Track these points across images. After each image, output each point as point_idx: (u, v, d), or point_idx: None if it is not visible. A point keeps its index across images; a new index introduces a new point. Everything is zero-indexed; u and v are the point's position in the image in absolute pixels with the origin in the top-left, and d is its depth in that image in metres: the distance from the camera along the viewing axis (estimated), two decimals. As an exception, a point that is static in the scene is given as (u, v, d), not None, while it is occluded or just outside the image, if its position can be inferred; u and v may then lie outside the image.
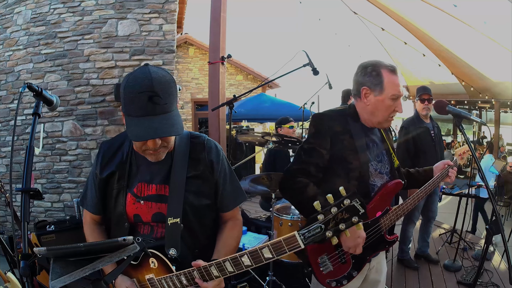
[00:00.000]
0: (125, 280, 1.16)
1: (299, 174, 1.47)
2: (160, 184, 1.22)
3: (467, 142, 1.67)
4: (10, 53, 4.02)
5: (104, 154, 1.26)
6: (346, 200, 0.92)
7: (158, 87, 1.03)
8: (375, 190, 1.53)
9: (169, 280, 1.11)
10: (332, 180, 1.48)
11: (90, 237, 1.31)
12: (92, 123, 3.91)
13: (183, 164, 1.22)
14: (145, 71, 1.05)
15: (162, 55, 3.90)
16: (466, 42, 5.84)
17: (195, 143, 1.28)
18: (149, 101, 1.02)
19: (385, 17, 6.25)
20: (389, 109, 1.49)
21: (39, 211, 3.96)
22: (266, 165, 3.90)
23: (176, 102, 1.11)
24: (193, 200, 1.22)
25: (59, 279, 0.93)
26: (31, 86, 1.14)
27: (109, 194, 1.25)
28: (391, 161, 1.62)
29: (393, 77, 1.47)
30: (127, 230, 1.22)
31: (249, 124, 10.42)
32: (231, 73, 12.71)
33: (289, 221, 2.72)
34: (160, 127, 1.04)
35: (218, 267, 1.04)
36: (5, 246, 2.56)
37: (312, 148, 1.49)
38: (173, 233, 1.17)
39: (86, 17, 3.88)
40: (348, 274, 1.52)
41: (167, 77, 1.07)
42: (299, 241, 0.94)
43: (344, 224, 0.92)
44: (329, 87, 4.69)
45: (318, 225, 0.93)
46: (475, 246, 3.97)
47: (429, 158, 3.13)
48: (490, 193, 1.69)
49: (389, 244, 1.58)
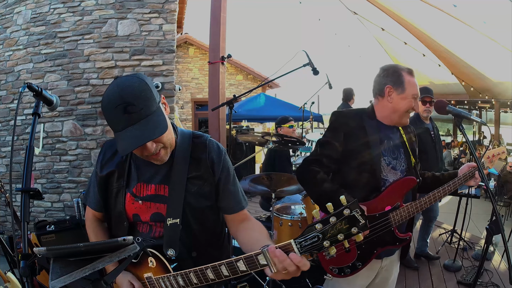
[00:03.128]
0: (127, 275, 1.17)
1: (313, 164, 1.61)
2: (159, 184, 1.21)
3: (467, 142, 1.67)
4: (10, 53, 4.02)
5: (105, 153, 1.27)
6: (346, 210, 0.88)
7: (129, 96, 1.03)
8: (385, 185, 1.59)
9: (166, 280, 1.11)
10: (345, 171, 1.64)
11: (92, 234, 1.32)
12: (92, 123, 3.91)
13: (184, 164, 1.21)
14: (113, 86, 1.06)
15: (162, 55, 3.90)
16: (466, 42, 5.84)
17: (197, 143, 1.27)
18: (125, 112, 1.02)
19: (385, 17, 6.25)
20: (409, 107, 1.62)
21: (39, 211, 3.96)
22: (266, 165, 3.90)
23: (156, 102, 1.09)
24: (193, 201, 1.21)
25: (59, 279, 0.93)
26: (31, 86, 1.14)
27: (110, 193, 1.25)
28: (408, 159, 1.67)
29: (412, 79, 1.62)
30: (126, 228, 1.22)
31: (249, 124, 10.42)
32: (231, 73, 12.71)
33: (289, 221, 2.72)
34: (141, 134, 1.03)
35: (213, 270, 1.03)
36: (5, 246, 2.56)
37: (327, 141, 1.64)
38: (171, 233, 1.17)
39: (86, 17, 3.88)
40: (352, 264, 1.55)
41: (136, 82, 1.06)
42: (295, 249, 0.92)
43: (343, 234, 0.89)
44: (329, 87, 4.70)
45: (316, 234, 0.90)
46: (475, 246, 3.97)
47: (430, 158, 3.12)
48: (490, 193, 1.69)
49: (399, 242, 1.59)
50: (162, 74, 3.89)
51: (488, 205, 5.48)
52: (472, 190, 3.88)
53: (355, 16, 7.24)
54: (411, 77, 1.62)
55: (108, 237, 1.31)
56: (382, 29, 7.04)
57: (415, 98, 1.61)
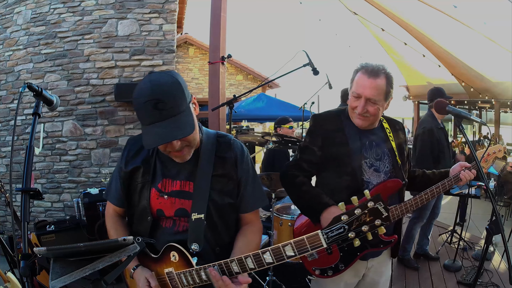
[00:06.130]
0: (145, 272, 1.18)
1: (293, 169, 1.62)
2: (185, 180, 1.24)
3: (467, 142, 1.66)
4: (10, 53, 4.02)
5: (130, 149, 1.29)
6: (370, 202, 0.94)
7: (160, 93, 1.05)
8: (369, 187, 1.54)
9: (188, 274, 1.12)
10: (326, 175, 1.62)
11: (112, 229, 1.32)
12: (92, 123, 3.91)
13: (209, 162, 1.24)
14: (146, 81, 1.08)
15: (162, 55, 3.90)
16: (465, 44, 5.84)
17: (221, 142, 1.30)
18: (154, 108, 1.04)
19: (385, 18, 6.25)
20: (351, 105, 1.55)
21: (39, 211, 3.96)
22: (265, 165, 3.90)
23: (187, 102, 1.12)
24: (217, 198, 1.23)
25: (59, 279, 0.93)
26: (31, 86, 1.14)
27: (133, 188, 1.27)
28: (394, 160, 1.60)
29: (363, 77, 1.49)
30: (150, 223, 1.23)
31: (249, 124, 10.43)
32: (231, 73, 12.72)
33: (289, 221, 2.72)
34: (166, 132, 1.05)
35: (239, 263, 1.05)
36: (5, 246, 2.55)
37: (306, 146, 1.63)
38: (196, 228, 1.19)
39: (86, 17, 3.88)
40: (335, 266, 1.54)
41: (170, 81, 1.08)
42: (322, 240, 0.97)
43: (367, 226, 0.94)
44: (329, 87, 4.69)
45: (342, 225, 0.95)
46: (475, 246, 3.97)
47: (447, 158, 3.12)
48: (490, 193, 1.69)
49: (384, 244, 1.55)
50: (162, 74, 3.89)
51: (488, 205, 5.47)
52: (472, 190, 3.87)
53: (355, 16, 7.24)
54: (365, 77, 1.49)
55: (128, 232, 1.32)
56: (382, 30, 7.04)
57: (355, 96, 1.52)
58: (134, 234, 1.30)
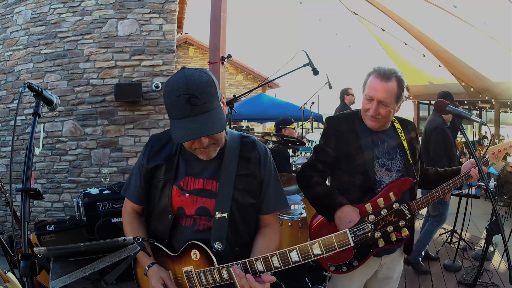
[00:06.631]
0: (160, 271, 1.17)
1: (309, 170, 1.70)
2: (208, 179, 1.24)
3: (467, 142, 1.66)
4: (10, 53, 4.02)
5: (153, 146, 1.29)
6: (395, 204, 0.99)
7: (195, 88, 1.05)
8: (381, 186, 1.60)
9: (208, 273, 1.11)
10: (340, 174, 1.69)
11: (128, 227, 1.31)
12: (92, 123, 3.91)
13: (234, 161, 1.25)
14: (180, 75, 1.08)
15: (162, 55, 3.90)
16: (465, 43, 5.84)
17: (245, 142, 1.31)
18: (187, 103, 1.04)
19: (385, 18, 6.25)
20: (363, 107, 1.62)
21: (39, 211, 3.96)
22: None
23: (218, 99, 1.12)
24: (240, 197, 1.23)
25: (59, 279, 0.93)
26: (31, 86, 1.14)
27: (154, 186, 1.27)
28: (406, 159, 1.65)
29: (376, 81, 1.56)
30: (170, 221, 1.23)
31: (249, 124, 10.41)
32: (231, 73, 12.72)
33: (289, 221, 2.72)
34: (199, 127, 1.06)
35: (264, 262, 1.05)
36: (5, 246, 2.55)
37: (320, 147, 1.71)
38: (219, 227, 1.19)
39: (86, 17, 3.88)
40: (349, 262, 1.58)
41: (204, 77, 1.09)
42: (349, 238, 0.99)
43: (392, 226, 0.98)
44: (329, 87, 4.70)
45: (368, 224, 0.99)
46: (475, 246, 3.97)
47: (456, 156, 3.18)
48: (490, 193, 1.69)
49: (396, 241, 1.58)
50: (162, 74, 3.89)
51: (488, 205, 5.47)
52: (472, 190, 3.87)
53: (355, 16, 7.24)
54: (378, 80, 1.55)
55: (145, 231, 1.31)
56: (382, 30, 7.04)
57: (367, 98, 1.58)
58: (152, 232, 1.30)
